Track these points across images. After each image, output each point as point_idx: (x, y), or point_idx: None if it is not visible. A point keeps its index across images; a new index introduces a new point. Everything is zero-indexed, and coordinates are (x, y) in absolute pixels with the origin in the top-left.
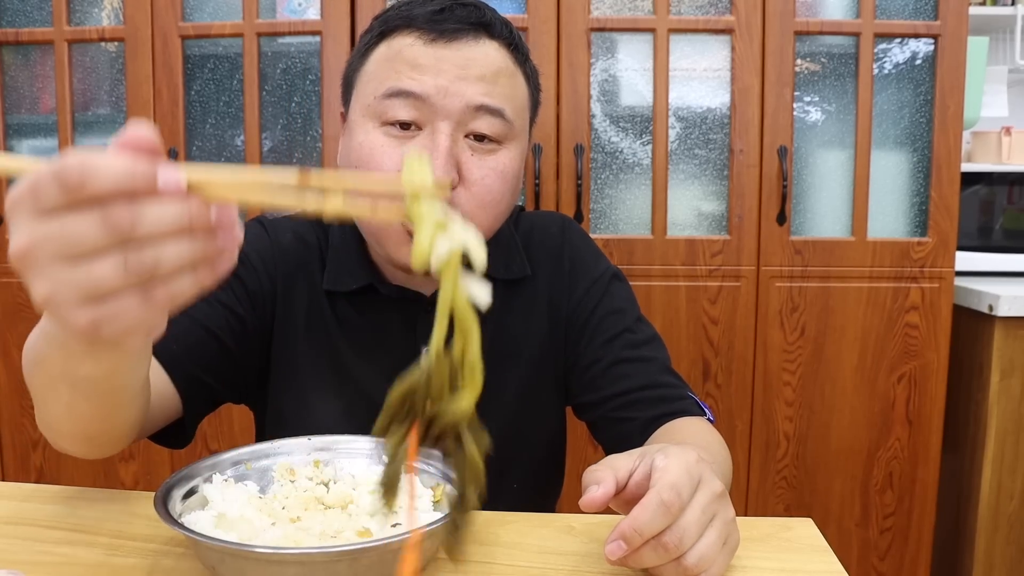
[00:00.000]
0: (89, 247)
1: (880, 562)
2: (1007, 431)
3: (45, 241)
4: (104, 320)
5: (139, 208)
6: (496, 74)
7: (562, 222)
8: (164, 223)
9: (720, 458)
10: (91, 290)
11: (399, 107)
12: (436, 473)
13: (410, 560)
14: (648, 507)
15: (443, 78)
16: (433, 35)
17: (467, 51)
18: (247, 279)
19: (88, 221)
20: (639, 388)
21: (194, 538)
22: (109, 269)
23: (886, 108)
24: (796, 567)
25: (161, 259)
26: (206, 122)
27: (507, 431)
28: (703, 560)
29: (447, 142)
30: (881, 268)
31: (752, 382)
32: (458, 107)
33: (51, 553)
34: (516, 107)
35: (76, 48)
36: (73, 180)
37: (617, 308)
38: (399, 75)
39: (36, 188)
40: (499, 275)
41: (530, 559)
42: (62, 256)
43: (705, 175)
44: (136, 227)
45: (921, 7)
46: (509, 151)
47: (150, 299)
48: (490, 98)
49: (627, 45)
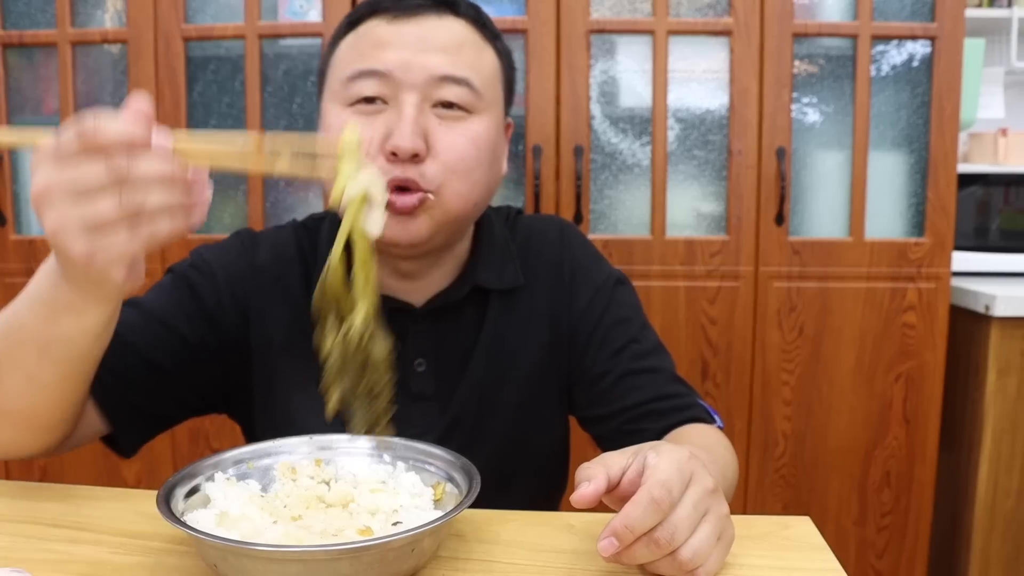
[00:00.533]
0: (94, 186)
1: (878, 560)
2: (1003, 430)
3: (59, 182)
4: (99, 248)
5: (135, 159)
6: (460, 45)
7: (561, 227)
8: (152, 172)
9: (722, 460)
10: (91, 221)
11: (364, 86)
12: (436, 472)
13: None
14: (639, 504)
15: (406, 51)
16: (395, 13)
17: (430, 25)
18: (206, 299)
19: (95, 166)
20: (649, 400)
21: (196, 536)
22: (107, 205)
23: (883, 109)
24: (794, 565)
25: (148, 201)
26: (208, 123)
27: (508, 443)
28: (698, 555)
29: (412, 111)
30: (878, 268)
31: (750, 382)
32: (422, 78)
33: (54, 551)
34: (484, 78)
35: (79, 50)
36: (89, 131)
37: (622, 317)
38: (363, 56)
39: (59, 142)
40: (492, 285)
41: (530, 557)
42: (71, 193)
43: (704, 176)
44: (131, 172)
45: (918, 9)
46: (480, 120)
47: (135, 234)
48: (454, 68)
49: (626, 47)
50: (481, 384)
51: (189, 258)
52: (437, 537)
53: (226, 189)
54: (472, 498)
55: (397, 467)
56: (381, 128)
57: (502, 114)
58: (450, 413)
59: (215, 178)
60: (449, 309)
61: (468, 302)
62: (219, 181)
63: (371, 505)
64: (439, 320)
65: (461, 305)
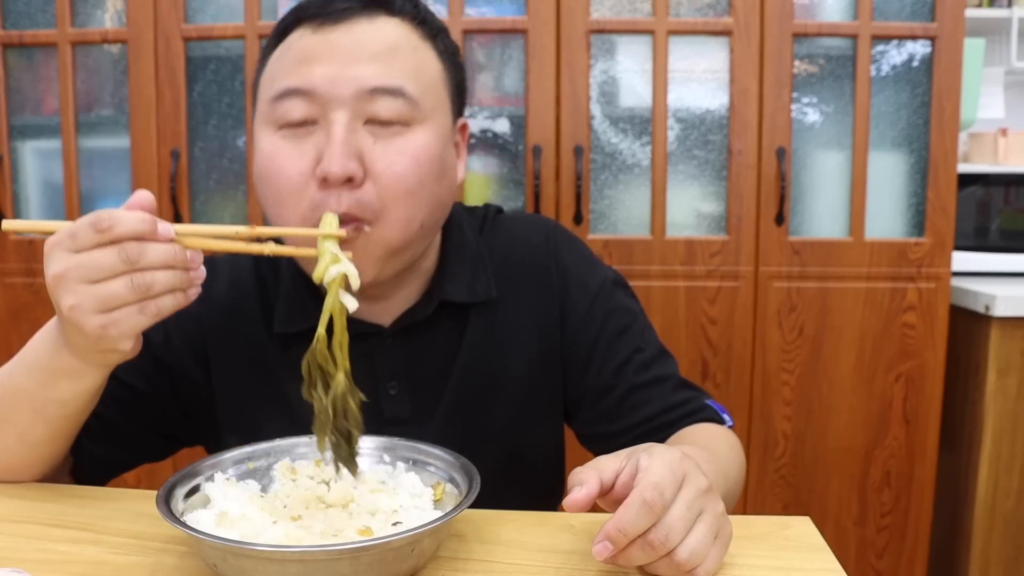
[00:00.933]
0: (108, 272)
1: (878, 560)
2: (1003, 430)
3: (76, 269)
4: (111, 323)
5: (145, 247)
6: (392, 50)
7: (547, 231)
8: (160, 259)
9: (723, 460)
10: (105, 301)
11: (290, 107)
12: (436, 472)
13: None
14: (631, 507)
15: (332, 65)
16: (320, 20)
17: (357, 30)
18: (152, 343)
19: (108, 254)
20: (657, 414)
21: (196, 536)
22: (119, 286)
23: (883, 109)
24: (794, 566)
25: (155, 282)
26: (208, 123)
27: (500, 462)
28: (695, 554)
29: (342, 132)
30: (878, 268)
31: (750, 382)
32: (350, 93)
33: (54, 551)
34: (423, 83)
35: (79, 50)
36: (105, 224)
37: (623, 326)
38: (287, 73)
39: (74, 233)
40: (461, 299)
41: (530, 557)
42: (87, 279)
43: (704, 176)
44: (142, 259)
45: (918, 9)
46: (422, 132)
47: (144, 311)
48: (386, 77)
49: (626, 47)
50: (463, 405)
51: None
52: (437, 537)
53: (226, 189)
54: (472, 498)
55: (397, 467)
56: (311, 152)
57: (449, 119)
58: (430, 436)
59: (215, 177)
60: (420, 327)
61: (442, 318)
62: (218, 181)
63: (371, 505)
64: (410, 339)
65: (434, 322)
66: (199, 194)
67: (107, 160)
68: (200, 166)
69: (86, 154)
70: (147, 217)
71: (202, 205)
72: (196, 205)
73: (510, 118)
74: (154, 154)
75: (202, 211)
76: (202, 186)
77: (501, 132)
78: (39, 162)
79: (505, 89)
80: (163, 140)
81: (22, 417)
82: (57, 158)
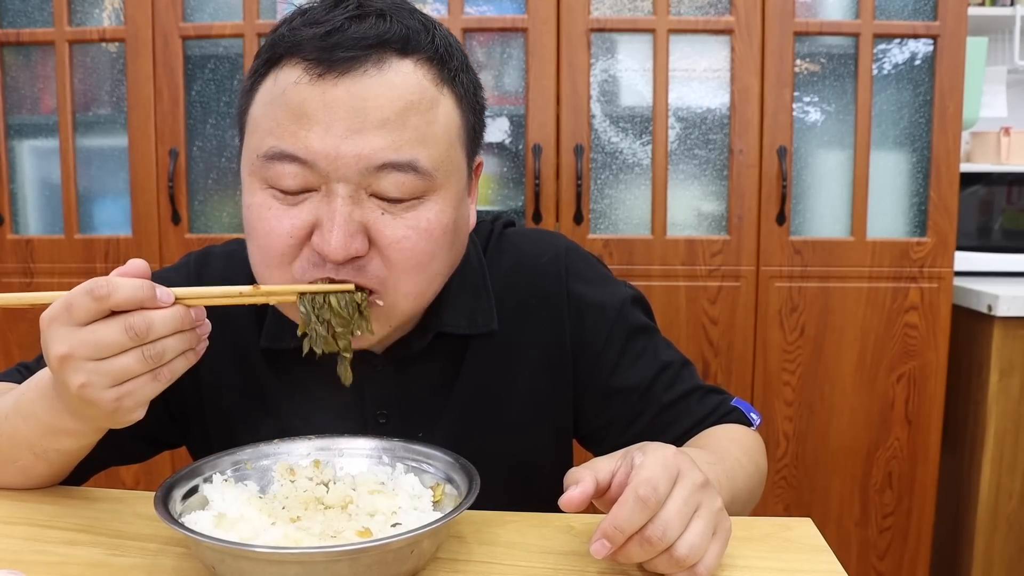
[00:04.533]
0: (116, 348)
1: (879, 561)
2: (1006, 431)
3: (82, 347)
4: (125, 395)
5: (150, 316)
6: (404, 113)
7: (557, 253)
8: (167, 326)
9: (731, 460)
10: (118, 376)
11: (284, 172)
12: (436, 473)
13: None
14: (625, 503)
15: (333, 134)
16: (321, 68)
17: (363, 88)
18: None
19: (114, 330)
20: (690, 428)
21: (194, 538)
22: (132, 360)
23: (885, 108)
24: (795, 567)
25: (167, 349)
26: (207, 122)
27: (500, 493)
28: (694, 549)
29: (346, 208)
30: (880, 268)
31: (752, 382)
32: (355, 170)
33: (52, 553)
34: (438, 150)
35: (77, 48)
36: (102, 292)
37: (643, 347)
38: (281, 130)
39: (70, 304)
40: (460, 331)
41: (530, 559)
42: (95, 357)
43: (705, 175)
44: (150, 332)
45: (920, 8)
46: (435, 203)
47: (158, 377)
48: (395, 151)
49: (627, 45)
50: (458, 438)
51: None
52: (436, 538)
53: (224, 188)
54: (472, 499)
55: (396, 468)
56: (307, 217)
57: (464, 175)
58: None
59: (213, 176)
60: (414, 356)
61: (438, 349)
62: (217, 180)
63: (370, 506)
64: (403, 368)
65: (430, 352)
66: (197, 193)
67: (105, 159)
68: (198, 165)
69: (84, 153)
70: (144, 283)
71: (200, 204)
72: (194, 204)
73: (510, 117)
74: (152, 153)
75: (200, 211)
76: (200, 185)
77: (501, 131)
78: (36, 161)
79: (505, 88)
80: (161, 139)
81: (23, 458)
82: (55, 157)
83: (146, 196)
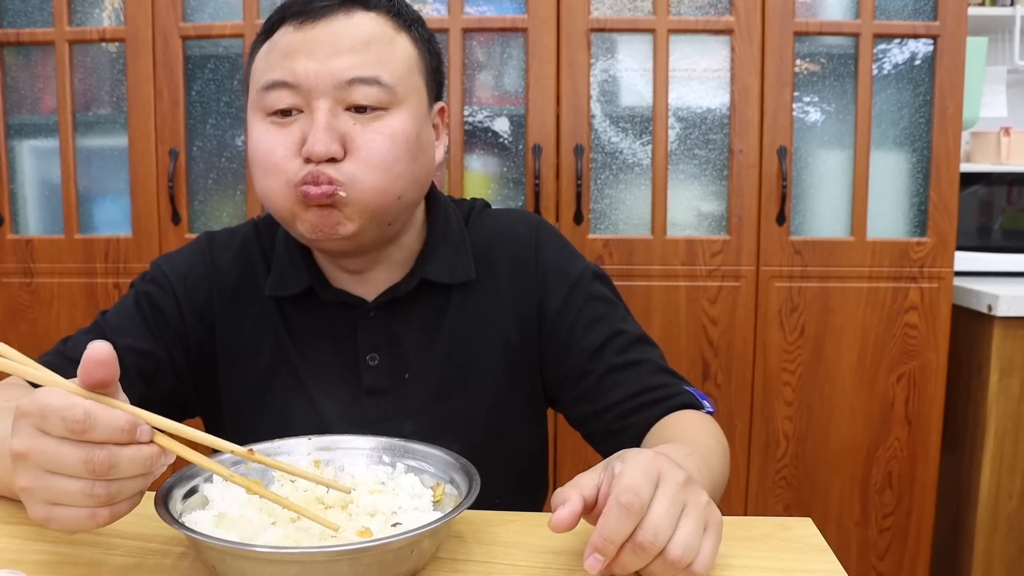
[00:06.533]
0: (68, 470)
1: (879, 561)
2: (1006, 431)
3: (39, 453)
4: (54, 519)
5: (118, 455)
6: (367, 42)
7: (531, 224)
8: (135, 467)
9: (703, 450)
10: (57, 497)
11: (278, 98)
12: (436, 473)
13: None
14: (610, 513)
15: (313, 60)
16: (302, 18)
17: (336, 26)
18: (169, 315)
19: (75, 456)
20: (634, 394)
21: (194, 538)
22: (77, 490)
23: (885, 108)
24: (795, 567)
25: (121, 491)
26: (207, 122)
27: (481, 447)
28: (688, 549)
29: (325, 117)
30: (880, 268)
31: (752, 382)
32: (330, 84)
33: (52, 552)
34: (397, 70)
35: (77, 48)
36: (78, 427)
37: (601, 313)
38: (274, 67)
39: (45, 414)
40: (441, 279)
41: (529, 559)
42: (46, 468)
43: (705, 175)
44: (111, 471)
45: (920, 8)
46: (398, 115)
47: (95, 516)
48: (362, 68)
49: (627, 45)
50: (443, 382)
51: (149, 270)
52: (436, 538)
53: (224, 188)
54: (472, 499)
55: (396, 468)
56: (297, 135)
57: (425, 102)
58: (408, 409)
59: (213, 176)
60: (402, 304)
61: (424, 296)
62: (217, 180)
63: (370, 506)
64: (392, 314)
65: (415, 300)
66: (197, 193)
67: (105, 159)
68: (198, 165)
69: (84, 153)
70: (125, 422)
71: (200, 204)
72: (194, 204)
73: (510, 117)
74: (152, 153)
75: (200, 210)
76: (200, 185)
77: (501, 131)
78: (37, 161)
79: (505, 88)
80: (161, 139)
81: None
82: (55, 157)
83: (146, 196)
